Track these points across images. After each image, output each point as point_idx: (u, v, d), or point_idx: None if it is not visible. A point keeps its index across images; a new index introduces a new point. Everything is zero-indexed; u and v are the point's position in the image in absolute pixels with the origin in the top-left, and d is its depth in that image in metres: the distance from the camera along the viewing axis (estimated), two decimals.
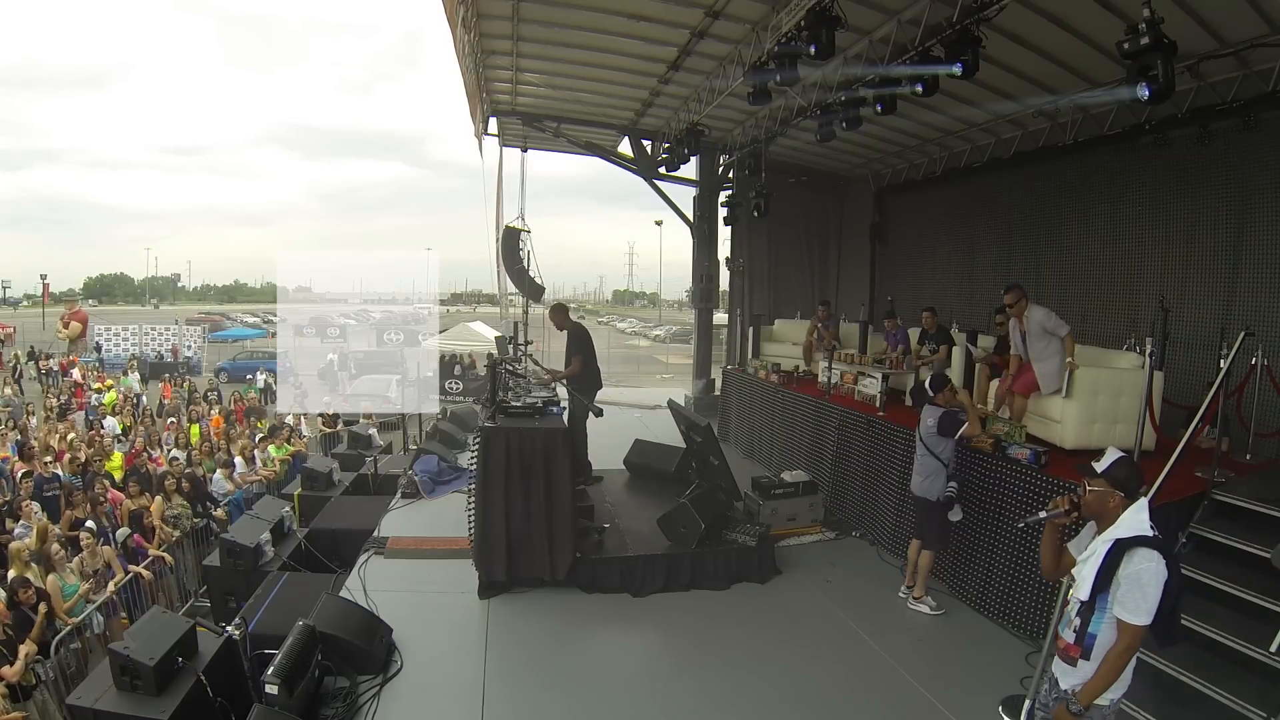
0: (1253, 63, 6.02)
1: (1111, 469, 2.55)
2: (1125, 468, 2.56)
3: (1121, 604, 2.36)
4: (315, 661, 4.00)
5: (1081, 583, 2.49)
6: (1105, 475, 2.54)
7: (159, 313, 45.63)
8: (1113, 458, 2.59)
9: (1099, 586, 2.41)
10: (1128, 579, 2.35)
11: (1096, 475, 2.56)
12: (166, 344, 23.84)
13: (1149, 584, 2.32)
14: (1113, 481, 2.53)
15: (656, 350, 32.44)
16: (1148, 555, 2.35)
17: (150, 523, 7.46)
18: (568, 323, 6.94)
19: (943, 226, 10.45)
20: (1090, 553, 2.51)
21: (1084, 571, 2.51)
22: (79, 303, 32.11)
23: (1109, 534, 2.47)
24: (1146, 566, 2.33)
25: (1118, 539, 2.41)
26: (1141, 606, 2.33)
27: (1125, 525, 2.45)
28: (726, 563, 5.56)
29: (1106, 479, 2.54)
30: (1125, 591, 2.35)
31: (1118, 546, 2.39)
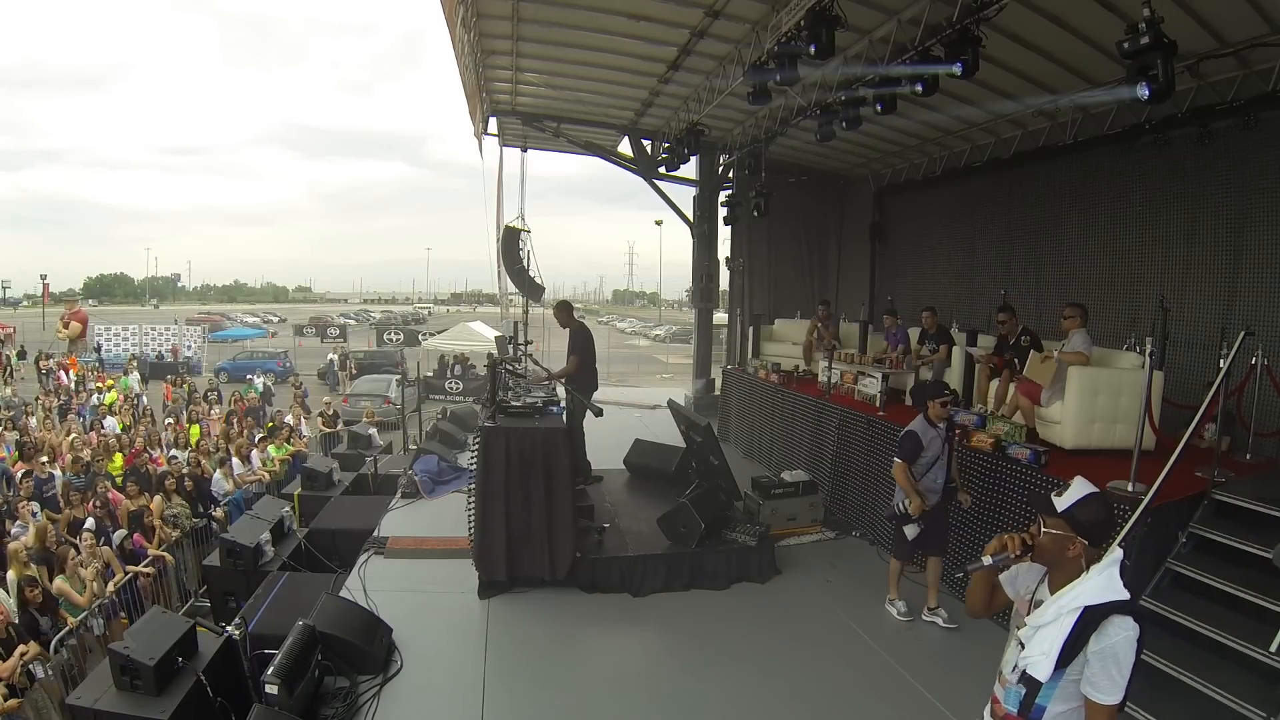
0: (1253, 62, 6.02)
1: (1076, 509, 2.02)
2: (1094, 508, 2.02)
3: (1093, 684, 1.90)
4: (315, 661, 3.99)
5: (1038, 659, 1.98)
6: (1067, 516, 2.01)
7: (159, 313, 45.66)
8: (1079, 494, 2.05)
9: (1062, 663, 1.94)
10: (1100, 655, 1.88)
11: (1055, 513, 2.03)
12: (166, 344, 23.85)
13: (1125, 657, 1.88)
14: (1075, 525, 2.01)
15: (656, 350, 32.47)
16: (1124, 624, 1.88)
17: (150, 522, 7.47)
18: (571, 321, 6.94)
19: (943, 226, 10.45)
20: (1050, 619, 1.98)
21: (1041, 642, 1.99)
22: (79, 303, 32.12)
23: (1073, 598, 1.95)
24: (1123, 638, 1.88)
25: (1087, 607, 1.91)
26: (1118, 683, 1.89)
27: (1094, 588, 1.94)
28: (726, 563, 5.56)
29: (1068, 521, 2.01)
30: (1098, 669, 1.89)
31: (1088, 616, 1.90)
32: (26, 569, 5.77)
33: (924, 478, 4.76)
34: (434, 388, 18.65)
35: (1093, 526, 2.01)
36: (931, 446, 4.78)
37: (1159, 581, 4.13)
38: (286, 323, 45.33)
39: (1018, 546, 2.09)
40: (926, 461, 4.77)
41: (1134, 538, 3.99)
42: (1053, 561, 2.05)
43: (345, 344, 28.18)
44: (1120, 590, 1.93)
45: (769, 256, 12.80)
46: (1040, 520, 2.07)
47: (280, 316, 52.60)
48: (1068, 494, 2.05)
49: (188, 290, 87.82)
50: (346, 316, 51.30)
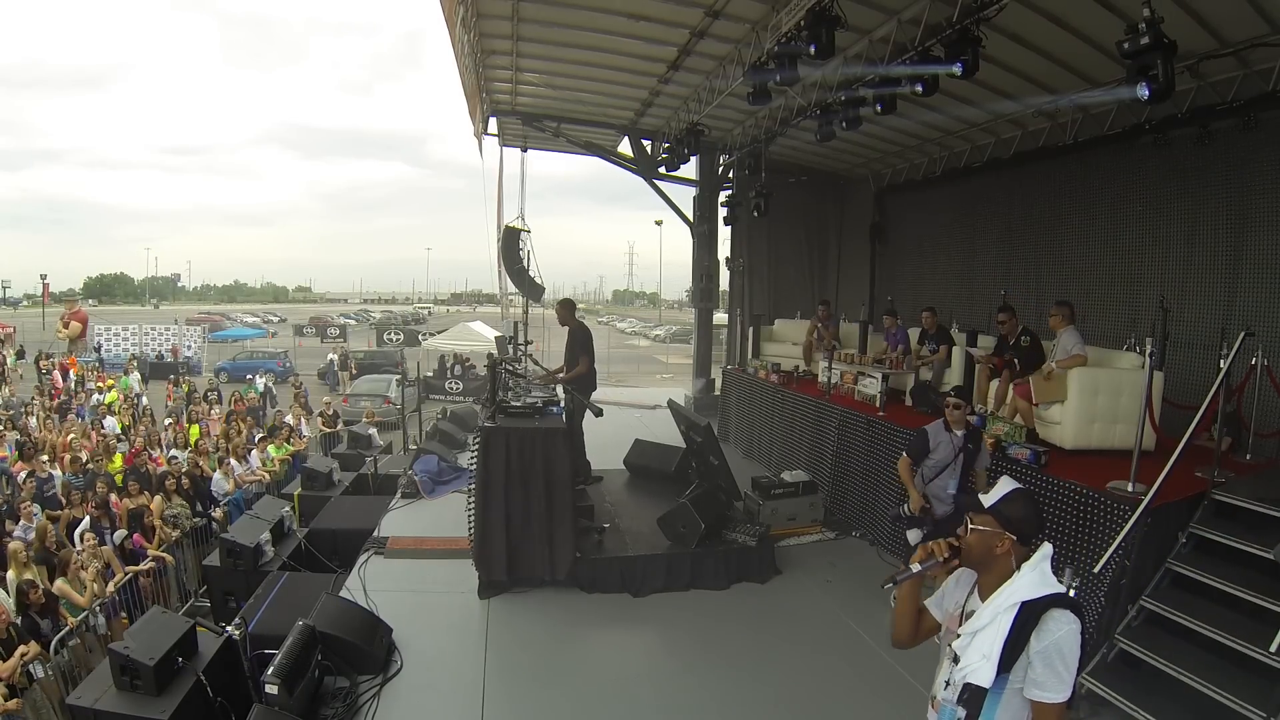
0: (1253, 62, 6.02)
1: (1003, 504, 2.00)
2: (1021, 503, 2.01)
3: (1039, 684, 1.81)
4: (315, 661, 4.00)
5: (977, 665, 1.89)
6: (994, 512, 1.99)
7: (159, 313, 45.66)
8: (1006, 489, 2.04)
9: (1004, 665, 1.85)
10: (1043, 652, 1.81)
11: (982, 510, 2.01)
12: (166, 344, 23.84)
13: (1070, 652, 1.81)
14: (1004, 520, 1.97)
15: (656, 350, 32.47)
16: (1064, 618, 1.83)
17: (151, 522, 7.47)
18: (572, 321, 6.93)
19: (943, 226, 10.45)
20: (986, 622, 1.91)
21: (979, 647, 1.90)
22: (79, 303, 32.12)
23: (1007, 595, 1.90)
24: (1066, 632, 1.81)
25: (1024, 602, 1.86)
26: (1065, 680, 1.82)
27: (1027, 583, 1.90)
28: (726, 563, 5.56)
29: (995, 517, 1.98)
30: (1043, 668, 1.81)
31: (1026, 612, 1.85)
32: (26, 569, 5.77)
33: (932, 482, 4.73)
34: (434, 388, 18.64)
35: (1020, 522, 1.98)
36: (941, 450, 4.70)
37: (1159, 581, 4.13)
38: (286, 323, 45.35)
39: (945, 550, 2.03)
40: (934, 465, 4.72)
41: (1134, 538, 3.99)
42: (981, 562, 2.00)
43: (345, 344, 28.19)
44: (1055, 584, 1.90)
45: (769, 257, 12.80)
46: (967, 520, 2.04)
47: (280, 316, 52.61)
48: (994, 491, 2.05)
49: (188, 290, 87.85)
50: (346, 316, 51.33)
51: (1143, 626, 4.03)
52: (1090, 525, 4.35)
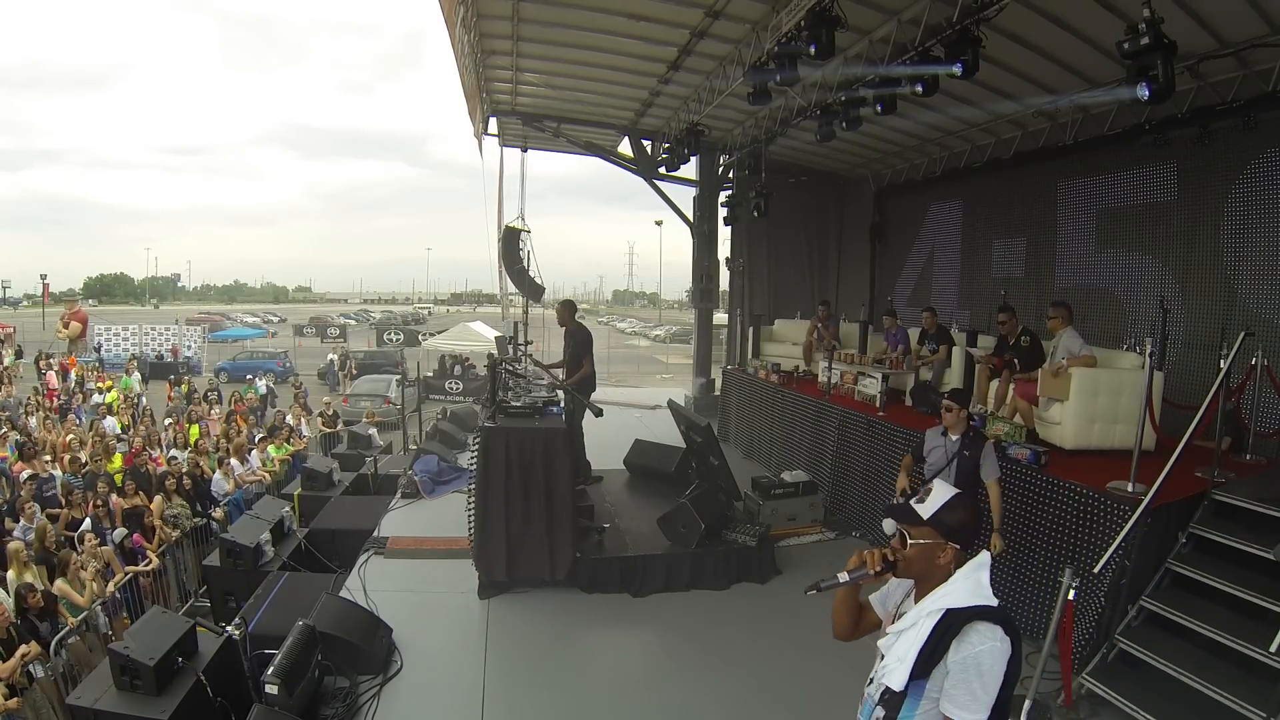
0: (1253, 63, 6.02)
1: (942, 513, 1.88)
2: (960, 510, 1.90)
3: (952, 698, 1.71)
4: (315, 661, 4.00)
5: (893, 666, 1.83)
6: (934, 522, 1.88)
7: (159, 313, 45.66)
8: (944, 497, 1.91)
9: (919, 671, 1.76)
10: (961, 664, 1.71)
11: (920, 521, 1.89)
12: (166, 344, 23.83)
13: (990, 670, 1.69)
14: (945, 530, 1.86)
15: (656, 350, 32.47)
16: (989, 632, 1.71)
17: (151, 522, 7.47)
18: (571, 322, 6.92)
19: (942, 226, 10.45)
20: (909, 624, 1.85)
21: (897, 649, 1.85)
22: (79, 303, 32.11)
23: (934, 600, 1.82)
24: (988, 648, 1.70)
25: (949, 609, 1.77)
26: (980, 699, 1.69)
27: (959, 589, 1.80)
28: (726, 563, 5.55)
29: (936, 527, 1.87)
30: (957, 681, 1.71)
31: (949, 619, 1.75)
32: (26, 570, 5.76)
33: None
34: (434, 388, 18.65)
35: (961, 529, 1.88)
36: (934, 455, 4.50)
37: (1159, 581, 4.13)
38: (286, 323, 45.34)
39: (877, 563, 1.91)
40: (929, 469, 4.54)
41: (1134, 538, 3.99)
42: (922, 574, 1.89)
43: (345, 344, 28.19)
44: (988, 596, 1.78)
45: (769, 257, 12.80)
46: (903, 532, 1.91)
47: (280, 316, 52.58)
48: (930, 499, 1.92)
49: (188, 290, 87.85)
50: (346, 316, 51.34)
51: (1143, 626, 4.04)
52: (1090, 525, 4.35)
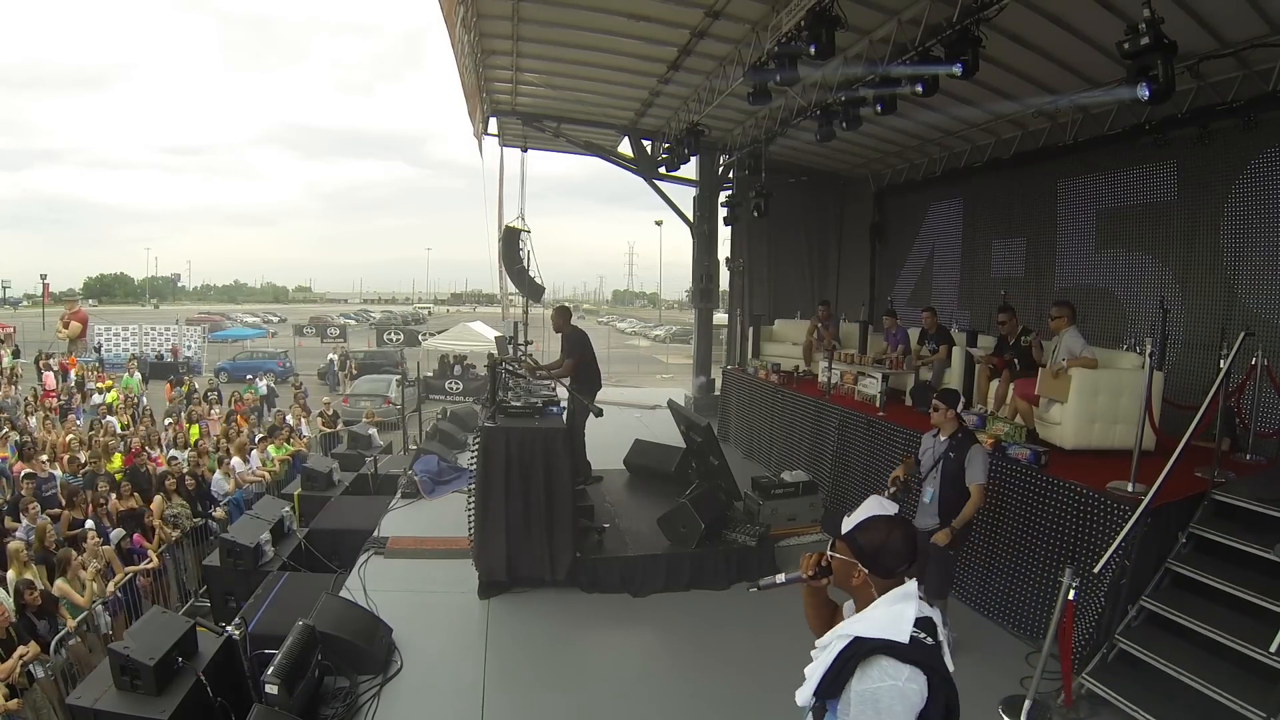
0: (1253, 63, 6.02)
1: (857, 531, 1.75)
2: (877, 531, 1.73)
3: None
4: (315, 661, 4.00)
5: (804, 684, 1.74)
6: (848, 540, 1.76)
7: (159, 313, 45.65)
8: (865, 514, 1.77)
9: (824, 691, 1.68)
10: (859, 697, 1.59)
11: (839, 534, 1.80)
12: (166, 344, 23.83)
13: (888, 709, 1.57)
14: (856, 550, 1.74)
15: (656, 350, 32.47)
16: (892, 670, 1.58)
17: (150, 522, 7.46)
18: (566, 327, 6.90)
19: (942, 226, 10.45)
20: (826, 642, 1.74)
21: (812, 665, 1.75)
22: (79, 303, 32.09)
23: (848, 624, 1.72)
24: (887, 686, 1.57)
25: (856, 636, 1.65)
26: None
27: (873, 617, 1.67)
28: (726, 563, 5.55)
29: (849, 545, 1.75)
30: (856, 714, 1.61)
31: (854, 647, 1.64)
32: (26, 570, 5.76)
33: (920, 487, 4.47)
34: (434, 388, 18.64)
35: (876, 553, 1.71)
36: (925, 457, 4.41)
37: (1159, 581, 4.13)
38: (286, 323, 45.33)
39: (810, 567, 1.84)
40: (921, 470, 4.43)
41: (1134, 538, 3.99)
42: (844, 588, 1.80)
43: (345, 344, 28.18)
44: (902, 631, 1.62)
45: (769, 257, 12.80)
46: (831, 545, 1.83)
47: (280, 316, 52.57)
48: (856, 513, 1.79)
49: (188, 290, 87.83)
50: (346, 316, 51.33)
51: (1143, 626, 4.04)
52: (1090, 525, 4.35)
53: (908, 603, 1.67)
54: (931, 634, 1.66)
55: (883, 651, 1.60)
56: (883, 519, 1.76)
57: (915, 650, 1.61)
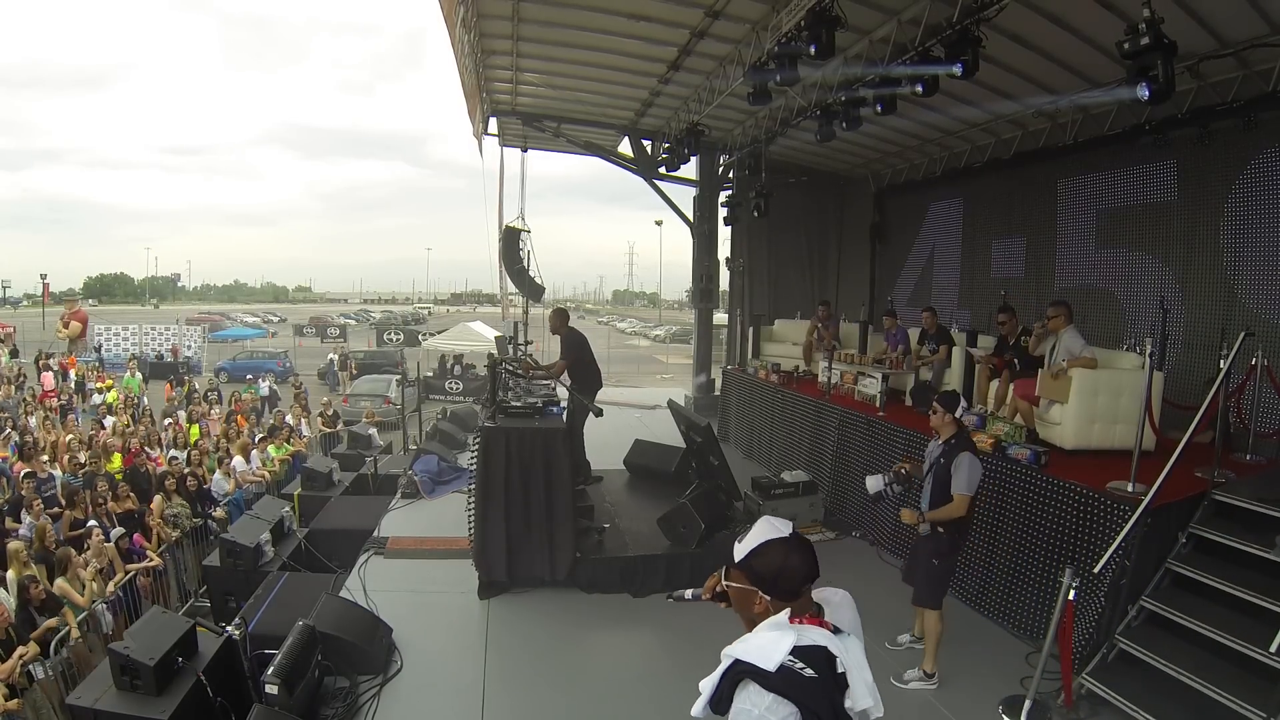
0: (1253, 63, 6.02)
1: (752, 558, 1.66)
2: (772, 555, 1.64)
3: None
4: (315, 661, 4.00)
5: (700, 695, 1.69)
6: (743, 567, 1.67)
7: (159, 313, 45.63)
8: (757, 540, 1.67)
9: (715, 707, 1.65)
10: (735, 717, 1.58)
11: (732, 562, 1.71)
12: (166, 344, 23.83)
13: None
14: (754, 577, 1.66)
15: (656, 350, 32.47)
16: (756, 698, 1.53)
17: (150, 522, 7.46)
18: (563, 329, 6.88)
19: (942, 226, 10.45)
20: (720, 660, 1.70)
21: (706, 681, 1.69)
22: (79, 302, 32.12)
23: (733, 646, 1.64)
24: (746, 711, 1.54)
25: (736, 659, 1.60)
26: None
27: (751, 641, 1.62)
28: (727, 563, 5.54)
29: (745, 572, 1.67)
30: None
31: (734, 669, 1.60)
32: (26, 569, 5.77)
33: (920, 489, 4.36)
34: (434, 388, 18.65)
35: (775, 577, 1.63)
36: (926, 461, 4.29)
37: (1159, 582, 4.13)
38: (286, 323, 45.31)
39: (708, 591, 1.79)
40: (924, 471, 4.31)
41: (1134, 538, 3.99)
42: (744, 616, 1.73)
43: (345, 344, 28.18)
44: (770, 659, 1.54)
45: (769, 256, 12.80)
46: (723, 572, 1.75)
47: (280, 316, 52.56)
48: (748, 538, 1.69)
49: (188, 290, 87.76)
50: (346, 316, 51.31)
51: (1143, 626, 4.04)
52: (1090, 525, 4.35)
53: (781, 632, 1.60)
54: (816, 665, 1.55)
55: (750, 677, 1.56)
56: (776, 542, 1.67)
57: (782, 680, 1.53)
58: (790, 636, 1.57)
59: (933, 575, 4.12)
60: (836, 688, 1.58)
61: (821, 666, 1.56)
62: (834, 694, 1.57)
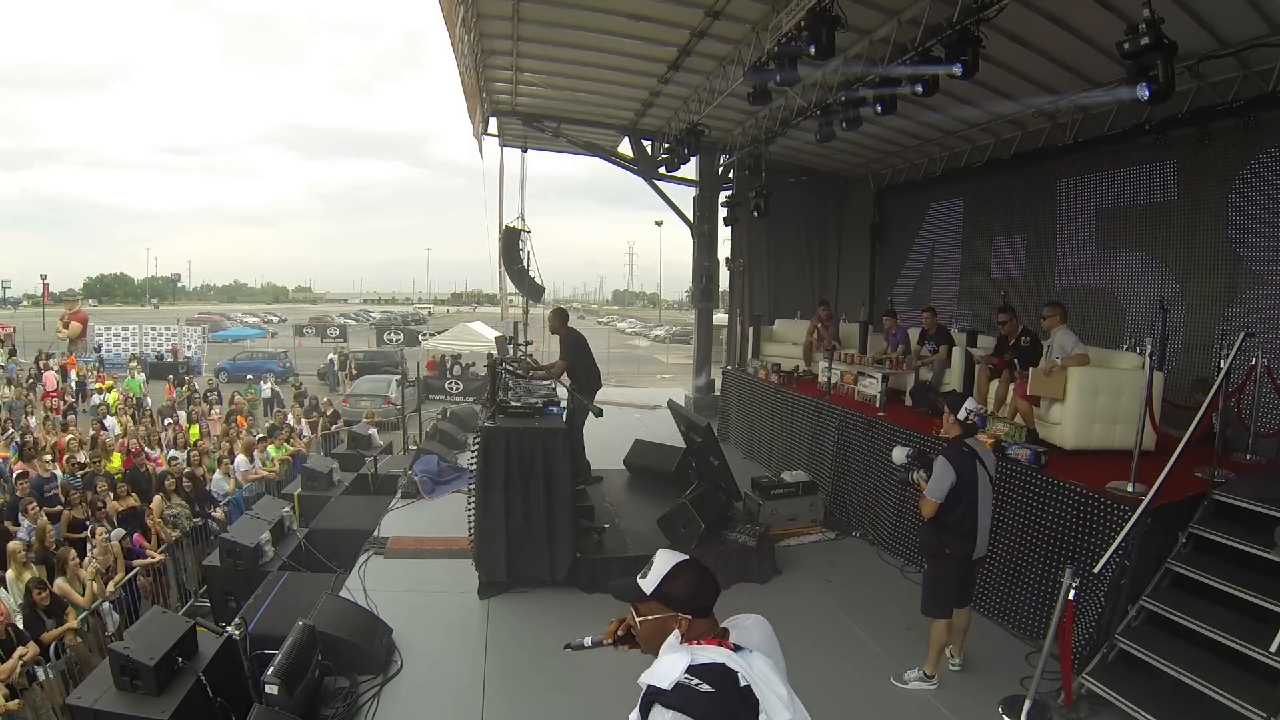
0: (1253, 63, 6.02)
1: (664, 585, 1.74)
2: (684, 578, 1.73)
3: None
4: (315, 661, 4.00)
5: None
6: (659, 596, 1.74)
7: (159, 313, 45.63)
8: (665, 568, 1.76)
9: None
10: None
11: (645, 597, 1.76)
12: (166, 344, 23.84)
13: None
14: (670, 602, 1.72)
15: (656, 350, 32.47)
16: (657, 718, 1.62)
17: (149, 522, 7.46)
18: (562, 329, 6.88)
19: (942, 226, 10.45)
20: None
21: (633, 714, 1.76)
22: (79, 303, 32.12)
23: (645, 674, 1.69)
24: None
25: (649, 684, 1.65)
26: None
27: (657, 666, 1.68)
28: (726, 563, 5.54)
29: (662, 601, 1.73)
30: None
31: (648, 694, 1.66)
32: (26, 570, 5.77)
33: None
34: (434, 388, 18.64)
35: (692, 597, 1.72)
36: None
37: (1159, 582, 4.13)
38: (286, 323, 45.30)
39: (610, 634, 1.86)
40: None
41: (1134, 538, 3.99)
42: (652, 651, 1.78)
43: (345, 344, 28.18)
44: (665, 678, 1.62)
45: (769, 257, 12.79)
46: (633, 610, 1.80)
47: (280, 317, 52.55)
48: (653, 570, 1.78)
49: (188, 290, 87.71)
50: (346, 317, 51.31)
51: (1143, 626, 4.03)
52: (1090, 525, 4.35)
53: (676, 654, 1.66)
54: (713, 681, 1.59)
55: (655, 699, 1.62)
56: (682, 565, 1.76)
57: (679, 697, 1.59)
58: (685, 656, 1.63)
59: (925, 578, 4.16)
60: (743, 702, 1.60)
61: (719, 682, 1.59)
62: (739, 709, 1.59)
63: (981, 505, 3.93)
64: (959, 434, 4.03)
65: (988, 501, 3.98)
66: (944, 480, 3.86)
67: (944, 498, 3.86)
